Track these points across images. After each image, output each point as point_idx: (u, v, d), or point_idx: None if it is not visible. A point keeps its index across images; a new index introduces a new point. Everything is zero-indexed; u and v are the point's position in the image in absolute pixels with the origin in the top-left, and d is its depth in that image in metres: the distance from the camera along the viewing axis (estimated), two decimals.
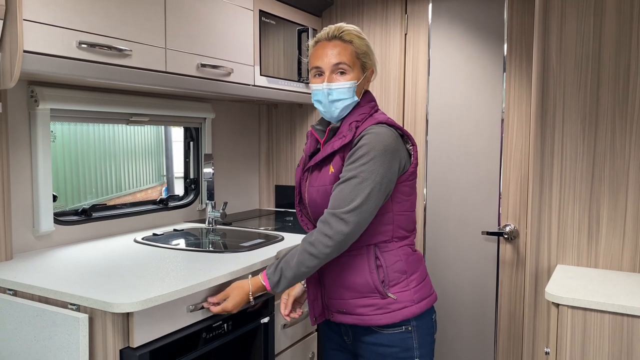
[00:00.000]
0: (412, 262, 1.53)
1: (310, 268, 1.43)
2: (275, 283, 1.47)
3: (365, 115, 1.51)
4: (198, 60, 2.07)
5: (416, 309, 1.49)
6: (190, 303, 1.56)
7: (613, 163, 1.88)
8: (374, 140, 1.43)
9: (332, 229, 1.40)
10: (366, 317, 1.49)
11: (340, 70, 1.50)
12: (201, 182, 2.70)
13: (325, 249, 1.40)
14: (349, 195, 1.40)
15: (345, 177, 1.43)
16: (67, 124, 2.24)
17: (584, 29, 1.90)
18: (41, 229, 1.93)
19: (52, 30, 1.55)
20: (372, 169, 1.40)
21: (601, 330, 1.55)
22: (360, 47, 1.51)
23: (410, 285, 1.50)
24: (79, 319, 1.35)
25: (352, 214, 1.39)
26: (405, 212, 1.53)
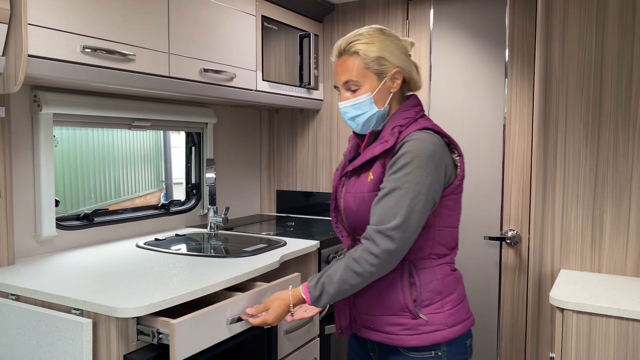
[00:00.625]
0: (449, 282, 1.41)
1: (353, 286, 1.33)
2: (316, 298, 1.38)
3: (409, 120, 1.40)
4: (201, 65, 2.08)
5: (449, 334, 1.38)
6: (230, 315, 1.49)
7: (616, 168, 1.88)
8: (417, 147, 1.32)
9: (378, 246, 1.29)
10: (394, 337, 1.39)
11: (351, 87, 1.42)
12: (203, 187, 2.70)
13: (371, 267, 1.30)
14: (393, 209, 1.29)
15: (388, 189, 1.32)
16: (67, 129, 2.24)
17: (586, 35, 1.91)
18: (43, 233, 1.92)
19: (57, 34, 1.55)
20: (417, 180, 1.30)
21: (606, 335, 1.55)
22: (369, 55, 1.38)
23: (444, 307, 1.38)
24: (83, 323, 1.34)
25: (398, 231, 1.29)
26: (447, 228, 1.42)
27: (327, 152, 2.99)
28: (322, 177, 3.02)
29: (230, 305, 1.44)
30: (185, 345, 1.34)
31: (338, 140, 2.96)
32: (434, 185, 1.32)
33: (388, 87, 1.41)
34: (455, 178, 1.40)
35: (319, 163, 3.03)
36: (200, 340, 1.39)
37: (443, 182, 1.36)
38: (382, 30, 1.43)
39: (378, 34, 1.41)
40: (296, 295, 1.41)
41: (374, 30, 1.42)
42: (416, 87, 1.50)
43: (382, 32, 1.42)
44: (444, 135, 1.39)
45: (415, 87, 1.49)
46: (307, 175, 3.07)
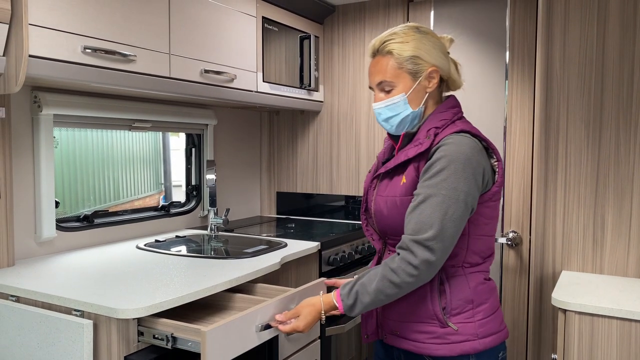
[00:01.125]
0: (481, 291, 1.35)
1: (388, 296, 1.28)
2: (349, 307, 1.31)
3: (446, 122, 1.34)
4: (202, 66, 2.07)
5: (478, 345, 1.31)
6: (260, 322, 1.43)
7: (618, 169, 1.88)
8: (454, 151, 1.26)
9: (417, 257, 1.23)
10: (421, 345, 1.34)
11: (384, 88, 1.37)
12: (203, 188, 2.69)
13: (409, 278, 1.24)
14: (430, 218, 1.23)
15: (424, 196, 1.26)
16: (67, 130, 2.24)
17: (587, 35, 1.91)
18: (43, 235, 1.91)
19: (57, 35, 1.55)
20: (455, 186, 1.24)
21: (609, 336, 1.54)
22: (402, 54, 1.33)
23: (475, 316, 1.32)
24: (84, 325, 1.33)
25: (437, 240, 1.23)
26: (483, 237, 1.35)
27: (328, 154, 2.99)
28: (323, 178, 3.02)
29: (259, 312, 1.38)
30: (216, 354, 1.27)
31: (338, 141, 2.95)
32: (472, 192, 1.26)
33: (424, 86, 1.36)
34: (493, 184, 1.34)
35: (319, 165, 3.02)
36: (231, 348, 1.32)
37: (480, 189, 1.30)
38: (418, 28, 1.38)
39: (413, 32, 1.36)
40: (328, 302, 1.35)
41: (409, 28, 1.37)
42: (455, 87, 1.44)
43: (417, 30, 1.37)
44: (482, 139, 1.33)
45: (454, 87, 1.44)
46: (308, 176, 3.07)
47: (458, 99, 1.45)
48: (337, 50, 2.92)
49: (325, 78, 2.96)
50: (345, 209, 2.97)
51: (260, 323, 1.39)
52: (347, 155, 2.93)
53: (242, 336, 1.34)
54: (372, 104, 1.41)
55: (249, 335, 1.36)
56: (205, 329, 1.23)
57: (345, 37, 2.89)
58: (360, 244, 2.63)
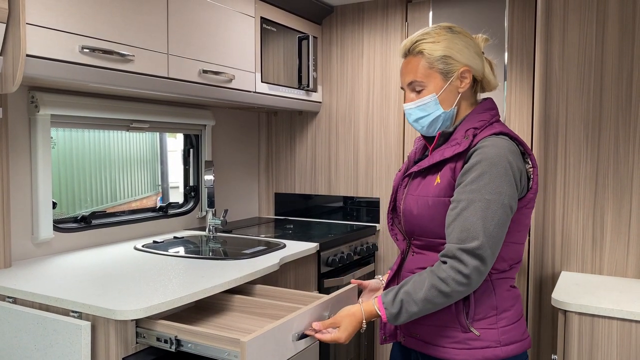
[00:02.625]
0: (506, 298, 1.31)
1: (437, 306, 1.23)
2: (393, 315, 1.26)
3: (484, 123, 1.31)
4: (200, 66, 2.07)
5: (501, 352, 1.28)
6: (296, 331, 1.38)
7: (617, 169, 1.88)
8: (494, 154, 1.22)
9: (468, 266, 1.19)
10: (441, 349, 1.30)
11: (415, 88, 1.35)
12: (201, 189, 2.68)
13: (460, 287, 1.20)
14: (477, 225, 1.19)
15: (467, 202, 1.22)
16: (64, 130, 2.22)
17: (586, 36, 1.91)
18: (40, 236, 1.90)
19: (55, 34, 1.54)
20: (498, 190, 1.20)
21: (609, 337, 1.54)
22: (433, 54, 1.31)
23: (499, 323, 1.29)
24: (81, 326, 1.32)
25: (486, 248, 1.19)
26: (513, 243, 1.30)
27: (326, 155, 2.98)
28: (321, 179, 3.01)
29: (296, 320, 1.33)
30: None
31: (337, 142, 2.95)
32: (514, 195, 1.23)
33: (455, 87, 1.33)
34: (528, 191, 1.29)
35: (318, 165, 3.02)
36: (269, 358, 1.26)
37: (518, 193, 1.26)
38: (450, 28, 1.35)
39: (445, 32, 1.33)
40: (369, 310, 1.30)
41: (441, 28, 1.35)
42: (490, 88, 1.41)
43: (449, 30, 1.34)
44: (520, 142, 1.29)
45: (489, 88, 1.41)
46: (306, 177, 3.06)
47: None
48: (335, 51, 2.92)
49: (323, 79, 2.96)
50: (344, 210, 2.96)
51: (296, 332, 1.33)
52: (345, 156, 2.93)
53: (280, 346, 1.29)
54: (403, 104, 1.39)
55: (286, 345, 1.31)
56: (245, 339, 1.18)
57: (344, 38, 2.89)
58: (358, 245, 2.62)
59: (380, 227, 2.83)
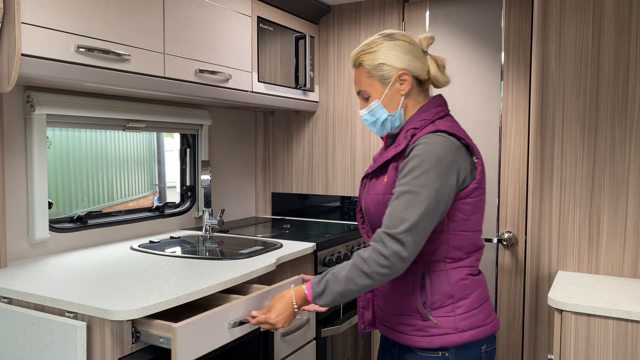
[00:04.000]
0: (462, 286, 1.38)
1: (359, 287, 1.30)
2: (318, 294, 1.35)
3: (425, 122, 1.39)
4: (196, 65, 2.06)
5: (458, 339, 1.36)
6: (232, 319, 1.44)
7: (613, 169, 1.88)
8: (427, 150, 1.31)
9: (387, 249, 1.27)
10: (405, 336, 1.41)
11: (363, 96, 1.46)
12: (198, 189, 2.68)
13: (380, 268, 1.28)
14: (402, 213, 1.28)
15: (398, 193, 1.31)
16: (60, 130, 2.22)
17: (583, 36, 1.91)
18: (36, 236, 1.89)
19: (51, 34, 1.54)
20: (426, 183, 1.28)
21: (605, 336, 1.54)
22: (371, 63, 1.42)
23: (455, 311, 1.36)
24: (77, 327, 1.32)
25: (407, 234, 1.27)
26: (464, 232, 1.38)
27: (323, 154, 2.98)
28: (318, 179, 3.01)
29: (231, 309, 1.41)
30: (187, 350, 1.30)
31: (334, 142, 2.95)
32: (443, 189, 1.30)
33: (397, 90, 1.42)
34: (472, 181, 1.37)
35: (315, 165, 3.01)
36: (203, 344, 1.35)
37: (455, 186, 1.33)
38: (389, 35, 1.43)
39: (382, 40, 1.43)
40: (298, 292, 1.39)
41: (379, 36, 1.44)
42: (440, 84, 1.47)
43: (387, 37, 1.43)
44: (460, 137, 1.36)
45: (439, 85, 1.47)
46: (303, 177, 3.06)
47: (452, 98, 1.48)
48: (332, 51, 2.91)
49: (320, 78, 2.95)
50: (341, 209, 2.96)
51: (232, 320, 1.41)
52: (342, 156, 2.93)
53: (214, 332, 1.37)
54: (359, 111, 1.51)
55: (221, 332, 1.40)
56: (176, 325, 1.25)
57: (341, 38, 2.89)
58: (355, 245, 2.62)
59: None
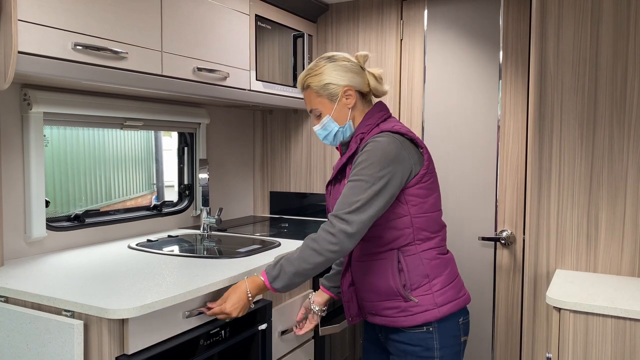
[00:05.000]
0: (435, 266, 1.55)
1: (312, 264, 1.45)
2: (274, 277, 1.49)
3: (371, 127, 1.58)
4: (194, 64, 2.05)
5: (438, 313, 1.53)
6: (186, 309, 1.53)
7: (611, 167, 1.88)
8: (373, 147, 1.49)
9: (335, 227, 1.44)
10: (391, 319, 1.56)
11: (315, 114, 1.64)
12: (196, 187, 2.67)
13: (329, 245, 1.43)
14: (349, 198, 1.46)
15: (347, 184, 1.50)
16: (58, 128, 2.21)
17: (581, 34, 1.91)
18: (33, 234, 1.88)
19: (47, 31, 1.53)
20: (370, 172, 1.46)
21: (604, 335, 1.54)
22: (317, 84, 1.60)
23: (432, 288, 1.53)
24: (74, 325, 1.31)
25: (353, 214, 1.43)
26: (425, 214, 1.55)
27: (321, 153, 2.98)
28: (316, 178, 3.00)
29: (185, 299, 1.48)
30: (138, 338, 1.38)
31: None
32: (387, 177, 1.46)
33: (344, 104, 1.60)
34: (421, 168, 1.54)
35: (313, 164, 3.01)
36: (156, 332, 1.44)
37: (405, 177, 1.50)
38: (330, 57, 1.62)
39: (324, 63, 1.61)
40: (253, 280, 1.53)
41: (321, 59, 1.63)
42: (380, 94, 1.65)
43: (329, 60, 1.61)
44: (404, 133, 1.54)
45: (380, 94, 1.65)
46: (301, 176, 3.05)
47: (449, 98, 1.66)
48: (331, 49, 2.91)
49: None
50: None
51: (188, 310, 1.51)
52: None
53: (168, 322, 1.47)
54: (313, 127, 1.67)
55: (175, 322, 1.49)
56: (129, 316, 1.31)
57: (339, 36, 2.88)
58: None
59: None
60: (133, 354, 1.37)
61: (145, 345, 1.41)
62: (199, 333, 1.56)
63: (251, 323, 1.76)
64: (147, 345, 1.41)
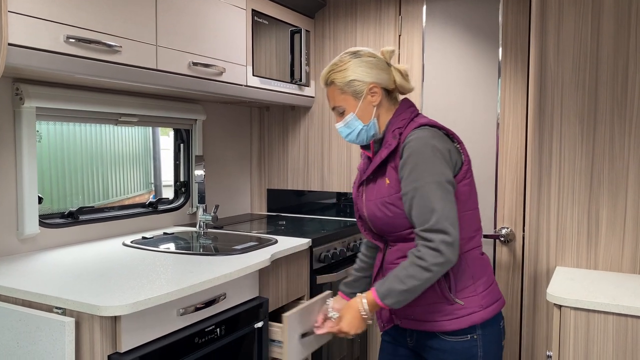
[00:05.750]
0: (479, 266, 1.50)
1: (421, 280, 1.37)
2: (384, 295, 1.41)
3: (406, 121, 1.51)
4: (190, 58, 2.03)
5: (485, 314, 1.46)
6: (181, 306, 1.50)
7: (612, 164, 1.86)
8: (420, 144, 1.42)
9: (435, 242, 1.35)
10: (434, 323, 1.47)
11: (338, 111, 1.56)
12: (192, 185, 2.64)
13: (435, 259, 1.35)
14: (427, 207, 1.37)
15: (412, 191, 1.40)
16: (54, 124, 2.18)
17: (582, 28, 1.89)
18: (25, 231, 1.85)
19: (38, 23, 1.50)
20: (432, 171, 1.39)
21: (605, 332, 1.52)
22: (342, 80, 1.52)
23: (477, 290, 1.48)
24: (65, 323, 1.28)
25: (442, 221, 1.35)
26: (467, 212, 1.48)
27: (319, 150, 2.95)
28: (314, 175, 2.98)
29: (181, 296, 1.48)
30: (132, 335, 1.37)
31: (329, 137, 2.91)
32: (446, 172, 1.41)
33: (369, 102, 1.53)
34: (462, 164, 1.48)
35: (311, 161, 2.98)
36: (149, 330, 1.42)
37: (453, 168, 1.44)
38: (355, 52, 1.54)
39: (349, 58, 1.53)
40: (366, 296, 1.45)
41: (346, 55, 1.54)
42: (406, 91, 1.58)
43: (354, 55, 1.53)
44: (440, 127, 1.48)
45: (405, 92, 1.58)
46: (299, 173, 3.03)
47: (449, 95, 1.59)
48: (328, 45, 2.88)
49: (316, 73, 2.92)
50: (337, 206, 2.93)
51: (182, 307, 1.50)
52: (338, 152, 2.89)
53: (162, 320, 1.45)
54: (335, 125, 1.59)
55: (169, 320, 1.48)
56: (121, 313, 1.30)
57: (337, 32, 2.85)
58: (352, 241, 2.59)
59: None
60: (126, 352, 1.35)
61: (138, 343, 1.38)
62: (194, 331, 1.53)
63: (247, 321, 1.74)
64: (141, 343, 1.39)
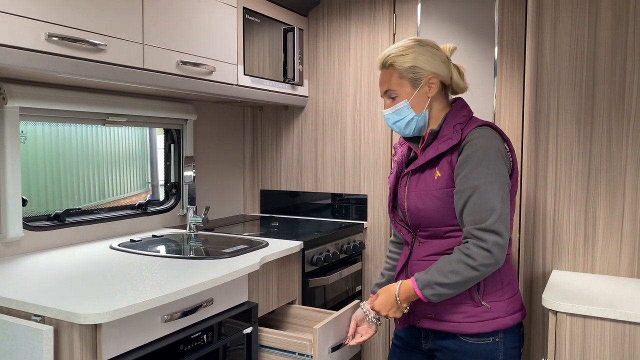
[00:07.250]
0: (507, 271, 1.49)
1: (466, 279, 1.36)
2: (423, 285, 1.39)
3: (466, 118, 1.50)
4: (178, 57, 1.98)
5: (509, 321, 1.46)
6: (165, 312, 1.46)
7: (609, 164, 1.82)
8: (485, 143, 1.41)
9: (488, 242, 1.34)
10: (457, 324, 1.46)
11: (390, 95, 1.52)
12: (182, 186, 2.60)
13: (486, 260, 1.35)
14: (487, 205, 1.36)
15: (472, 188, 1.38)
16: (42, 125, 2.13)
17: (579, 27, 1.84)
18: (9, 234, 1.81)
19: (19, 21, 1.45)
20: (496, 171, 1.39)
21: (602, 339, 1.48)
22: (402, 65, 1.48)
23: (504, 295, 1.47)
24: (43, 331, 1.24)
25: (499, 223, 1.35)
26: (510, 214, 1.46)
27: (313, 150, 2.91)
28: (307, 176, 2.93)
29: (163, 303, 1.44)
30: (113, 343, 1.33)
31: (323, 138, 2.87)
32: (506, 175, 1.42)
33: (425, 92, 1.50)
34: (513, 172, 1.48)
35: (304, 162, 2.94)
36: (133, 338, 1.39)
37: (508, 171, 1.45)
38: (418, 41, 1.52)
39: (413, 45, 1.51)
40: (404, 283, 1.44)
41: (409, 41, 1.52)
42: (461, 90, 1.57)
43: (418, 43, 1.51)
44: (498, 130, 1.48)
45: (460, 90, 1.57)
46: (292, 174, 2.98)
47: None
48: (322, 44, 2.84)
49: (309, 72, 2.88)
50: (332, 207, 2.88)
51: (166, 314, 1.46)
52: (332, 152, 2.85)
53: (145, 327, 1.42)
54: (383, 110, 1.56)
55: (153, 327, 1.44)
56: (101, 321, 1.26)
57: (331, 31, 2.81)
58: (345, 243, 2.55)
59: (367, 224, 2.76)
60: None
61: (120, 351, 1.34)
62: (179, 338, 1.49)
63: (236, 327, 1.69)
64: (123, 352, 1.35)
